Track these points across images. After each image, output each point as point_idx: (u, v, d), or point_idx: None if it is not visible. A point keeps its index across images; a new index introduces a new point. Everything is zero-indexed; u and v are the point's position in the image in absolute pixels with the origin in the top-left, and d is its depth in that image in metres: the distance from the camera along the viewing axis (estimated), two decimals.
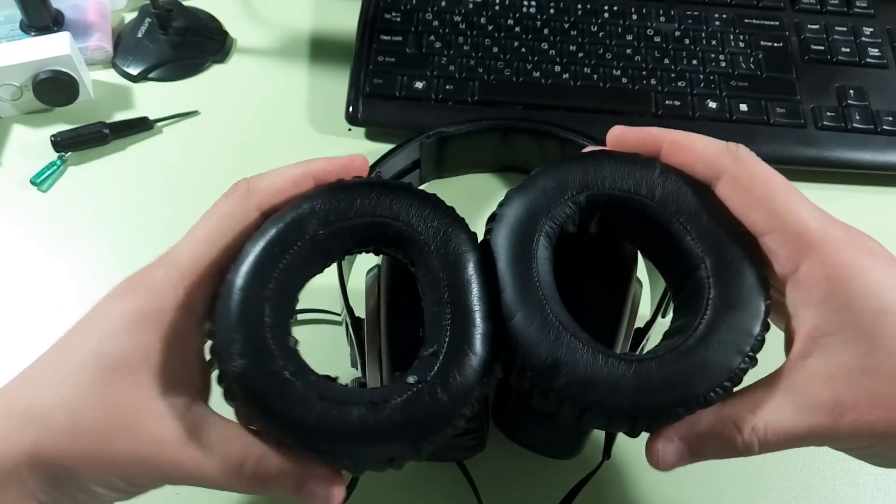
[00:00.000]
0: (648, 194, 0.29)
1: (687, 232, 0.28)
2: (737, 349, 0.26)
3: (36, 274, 0.47)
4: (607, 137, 0.31)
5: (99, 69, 0.56)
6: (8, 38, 0.55)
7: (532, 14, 0.57)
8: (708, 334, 0.26)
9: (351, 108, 0.52)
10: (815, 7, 0.58)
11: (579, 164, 0.29)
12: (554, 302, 0.27)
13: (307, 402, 0.25)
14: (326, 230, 0.28)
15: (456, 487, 0.39)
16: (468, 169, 0.51)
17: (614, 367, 0.26)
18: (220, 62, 0.57)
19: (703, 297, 0.27)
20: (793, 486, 0.40)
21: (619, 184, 0.29)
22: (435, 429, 0.26)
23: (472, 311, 0.27)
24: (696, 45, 0.55)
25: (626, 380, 0.26)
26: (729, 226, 0.28)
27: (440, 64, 0.53)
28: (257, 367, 0.26)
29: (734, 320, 0.26)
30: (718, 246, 0.28)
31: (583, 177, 0.29)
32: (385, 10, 0.56)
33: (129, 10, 0.60)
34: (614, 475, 0.39)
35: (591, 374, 0.26)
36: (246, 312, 0.26)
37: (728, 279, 0.27)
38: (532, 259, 0.28)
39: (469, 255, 0.28)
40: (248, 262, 0.27)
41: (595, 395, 0.26)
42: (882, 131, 0.52)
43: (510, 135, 0.49)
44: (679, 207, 0.28)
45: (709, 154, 0.29)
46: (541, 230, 0.28)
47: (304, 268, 0.28)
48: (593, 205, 0.29)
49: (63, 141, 0.51)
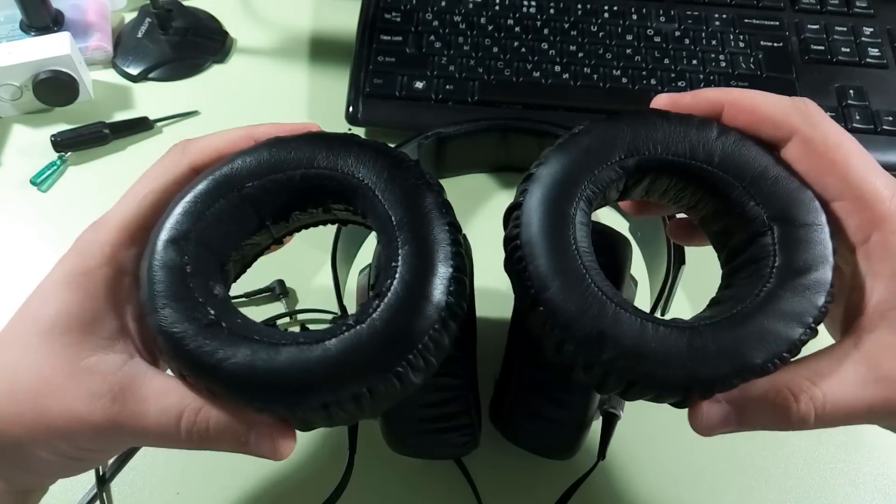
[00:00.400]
0: (706, 159, 0.27)
1: (751, 196, 0.26)
2: (799, 319, 0.24)
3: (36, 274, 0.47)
4: (653, 102, 0.29)
5: (99, 69, 0.56)
6: (8, 38, 0.55)
7: (532, 14, 0.57)
8: (770, 302, 0.25)
9: (351, 108, 0.52)
10: (815, 7, 0.58)
11: (629, 124, 0.27)
12: (595, 272, 0.25)
13: (231, 345, 0.24)
14: (255, 183, 0.27)
15: (453, 487, 0.39)
16: (467, 169, 0.51)
17: (666, 336, 0.24)
18: (220, 62, 0.57)
19: (768, 265, 0.25)
20: (793, 486, 0.40)
21: (674, 147, 0.27)
22: (372, 372, 0.23)
23: (424, 251, 0.25)
24: (696, 45, 0.55)
25: (678, 350, 0.24)
26: (797, 191, 0.26)
27: (440, 64, 0.53)
28: (177, 314, 0.24)
29: (799, 289, 0.25)
30: (786, 212, 0.26)
31: (633, 139, 0.27)
32: (385, 10, 0.56)
33: (129, 10, 0.60)
34: (610, 476, 0.39)
35: (640, 346, 0.24)
36: (165, 265, 0.25)
37: (795, 247, 0.26)
38: (570, 225, 0.26)
39: (422, 189, 0.26)
40: (169, 216, 0.26)
41: (645, 368, 0.24)
42: (882, 131, 0.52)
43: (509, 135, 0.49)
44: (741, 171, 0.27)
45: (777, 114, 0.27)
46: (581, 195, 0.26)
47: (231, 221, 0.27)
48: (643, 170, 0.27)
49: (63, 141, 0.51)
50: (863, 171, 0.26)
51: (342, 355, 0.23)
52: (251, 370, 0.23)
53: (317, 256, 0.46)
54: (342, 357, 0.23)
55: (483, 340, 0.34)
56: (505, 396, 0.34)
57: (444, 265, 0.25)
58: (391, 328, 0.24)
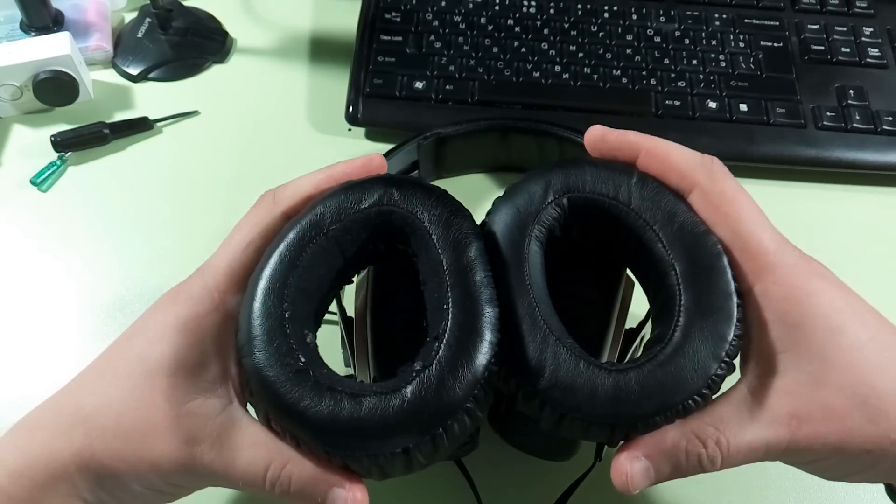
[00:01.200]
0: (624, 200, 0.29)
1: (658, 239, 0.28)
2: (713, 355, 0.26)
3: (36, 274, 0.47)
4: (586, 136, 0.31)
5: (99, 69, 0.56)
6: (8, 38, 0.55)
7: (532, 14, 0.57)
8: (683, 342, 0.26)
9: (351, 108, 0.52)
10: (815, 7, 0.58)
11: (561, 168, 0.30)
12: (544, 305, 0.27)
13: (317, 393, 0.25)
14: (338, 225, 0.28)
15: (453, 487, 0.39)
16: (467, 169, 0.51)
17: (595, 374, 0.26)
18: (220, 62, 0.57)
19: (675, 304, 0.27)
20: (793, 486, 0.40)
21: (599, 188, 0.29)
22: (446, 414, 0.25)
23: (474, 294, 0.27)
24: (696, 45, 0.55)
25: (605, 388, 0.26)
26: (701, 235, 0.28)
27: (440, 64, 0.53)
28: (271, 359, 0.26)
29: (707, 326, 0.26)
30: (688, 253, 0.28)
31: (564, 180, 0.29)
32: (385, 10, 0.56)
33: (129, 10, 0.60)
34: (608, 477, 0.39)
35: (571, 379, 0.26)
36: (264, 309, 0.27)
37: (698, 285, 0.27)
38: (524, 263, 0.28)
39: (471, 239, 0.28)
40: (266, 262, 0.28)
41: (574, 401, 0.26)
42: (882, 131, 0.52)
43: (508, 134, 0.49)
44: (653, 215, 0.29)
45: (683, 166, 0.29)
46: (530, 234, 0.28)
47: (322, 264, 0.28)
48: (575, 208, 0.29)
49: (63, 141, 0.51)
50: (752, 224, 0.28)
51: (418, 399, 0.25)
52: (334, 418, 0.25)
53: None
54: (418, 402, 0.25)
55: None
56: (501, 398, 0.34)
57: (489, 305, 0.27)
58: (456, 368, 0.25)
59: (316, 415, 0.25)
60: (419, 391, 0.25)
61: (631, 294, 0.34)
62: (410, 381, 0.25)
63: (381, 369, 0.31)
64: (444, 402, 0.25)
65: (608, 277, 0.33)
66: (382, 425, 0.25)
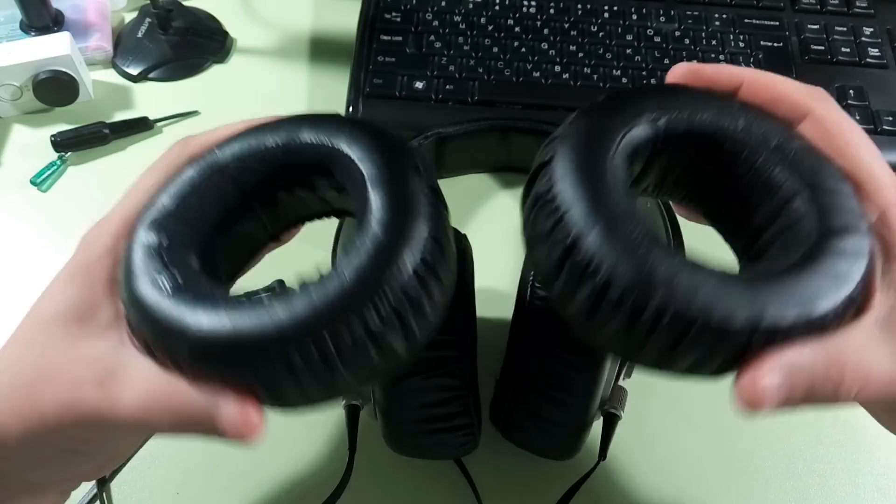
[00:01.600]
0: (731, 125, 0.26)
1: (776, 162, 0.26)
2: (851, 273, 0.23)
3: (36, 274, 0.47)
4: (670, 74, 0.29)
5: (99, 69, 0.56)
6: (8, 38, 0.55)
7: (532, 14, 0.57)
8: (820, 257, 0.23)
9: (351, 108, 0.52)
10: (815, 7, 0.58)
11: (655, 91, 0.27)
12: (641, 217, 0.23)
13: (192, 311, 0.23)
14: (238, 163, 0.27)
15: (453, 487, 0.39)
16: (467, 169, 0.51)
17: (724, 278, 0.22)
18: (220, 62, 0.57)
19: (805, 227, 0.24)
20: (793, 486, 0.40)
21: (700, 113, 0.26)
22: (333, 315, 0.22)
23: (397, 206, 0.24)
24: (696, 45, 0.55)
25: (739, 290, 0.22)
26: (820, 159, 0.26)
27: (440, 64, 0.53)
28: (145, 286, 0.24)
29: (842, 245, 0.24)
30: (813, 177, 0.25)
31: (661, 102, 0.26)
32: (385, 10, 0.56)
33: (129, 10, 0.60)
34: (611, 476, 0.39)
35: (696, 286, 0.21)
36: (142, 244, 0.25)
37: (829, 209, 0.25)
38: (606, 171, 0.24)
39: (397, 156, 0.25)
40: (153, 201, 0.26)
41: (703, 309, 0.21)
42: (882, 131, 0.52)
43: (509, 134, 0.49)
44: (765, 138, 0.26)
45: (794, 94, 0.28)
46: (617, 146, 0.25)
47: (215, 202, 0.27)
48: (670, 133, 0.26)
49: (63, 141, 0.51)
50: (870, 157, 0.26)
51: (302, 305, 0.22)
52: (214, 334, 0.22)
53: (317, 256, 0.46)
54: (301, 307, 0.22)
55: (483, 340, 0.34)
56: (505, 396, 0.34)
57: (421, 221, 0.23)
58: (356, 277, 0.22)
59: (194, 332, 0.22)
60: (307, 297, 0.22)
61: None
62: (307, 288, 0.23)
63: None
64: (331, 306, 0.22)
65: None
66: (263, 332, 0.22)
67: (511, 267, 0.45)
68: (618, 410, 0.34)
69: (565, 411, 0.33)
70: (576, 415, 0.33)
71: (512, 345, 0.34)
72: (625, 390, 0.34)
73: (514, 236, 0.48)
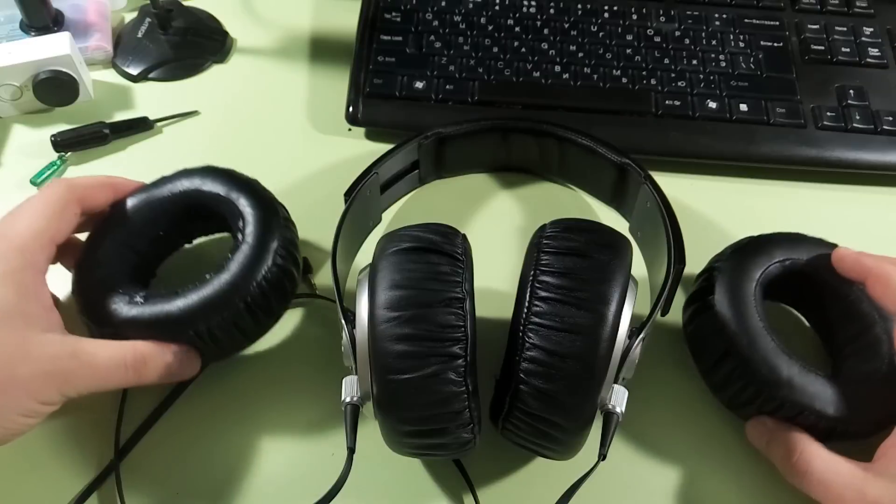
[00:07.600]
0: (829, 272, 0.40)
1: (865, 297, 0.39)
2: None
3: None
4: (833, 256, 0.40)
5: (99, 69, 0.56)
6: (8, 38, 0.55)
7: (532, 14, 0.57)
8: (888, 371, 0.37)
9: (351, 108, 0.52)
10: (815, 7, 0.58)
11: (784, 240, 0.41)
12: (774, 333, 0.38)
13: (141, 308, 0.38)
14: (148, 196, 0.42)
15: (453, 487, 0.39)
16: (468, 169, 0.51)
17: (826, 385, 0.37)
18: (220, 62, 0.57)
19: (882, 346, 0.38)
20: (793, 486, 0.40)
21: (810, 258, 0.41)
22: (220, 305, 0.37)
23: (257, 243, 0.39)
24: (696, 45, 0.55)
25: (827, 391, 0.36)
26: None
27: (440, 64, 0.53)
28: (109, 303, 0.38)
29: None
30: (889, 313, 0.38)
31: (786, 251, 0.41)
32: (385, 10, 0.56)
33: (129, 10, 0.60)
34: (610, 476, 0.39)
35: (803, 385, 0.36)
36: (90, 265, 0.40)
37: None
38: (753, 302, 0.38)
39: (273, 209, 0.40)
40: (94, 235, 0.41)
41: (806, 402, 0.36)
42: (882, 131, 0.52)
43: (509, 135, 0.49)
44: (853, 283, 0.40)
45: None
46: (758, 281, 0.39)
47: (143, 230, 0.41)
48: (790, 269, 0.40)
49: (63, 141, 0.51)
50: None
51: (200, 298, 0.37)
52: (155, 315, 0.37)
53: (317, 256, 0.46)
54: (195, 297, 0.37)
55: (483, 340, 0.34)
56: (505, 396, 0.34)
57: (268, 252, 0.39)
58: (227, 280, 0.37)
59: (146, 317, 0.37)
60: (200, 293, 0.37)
61: (636, 290, 0.34)
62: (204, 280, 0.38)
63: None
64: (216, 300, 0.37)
65: None
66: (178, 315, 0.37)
67: (511, 267, 0.45)
68: (618, 410, 0.34)
69: (565, 411, 0.33)
70: (575, 415, 0.33)
71: (512, 345, 0.34)
72: (625, 390, 0.34)
73: (514, 236, 0.48)
